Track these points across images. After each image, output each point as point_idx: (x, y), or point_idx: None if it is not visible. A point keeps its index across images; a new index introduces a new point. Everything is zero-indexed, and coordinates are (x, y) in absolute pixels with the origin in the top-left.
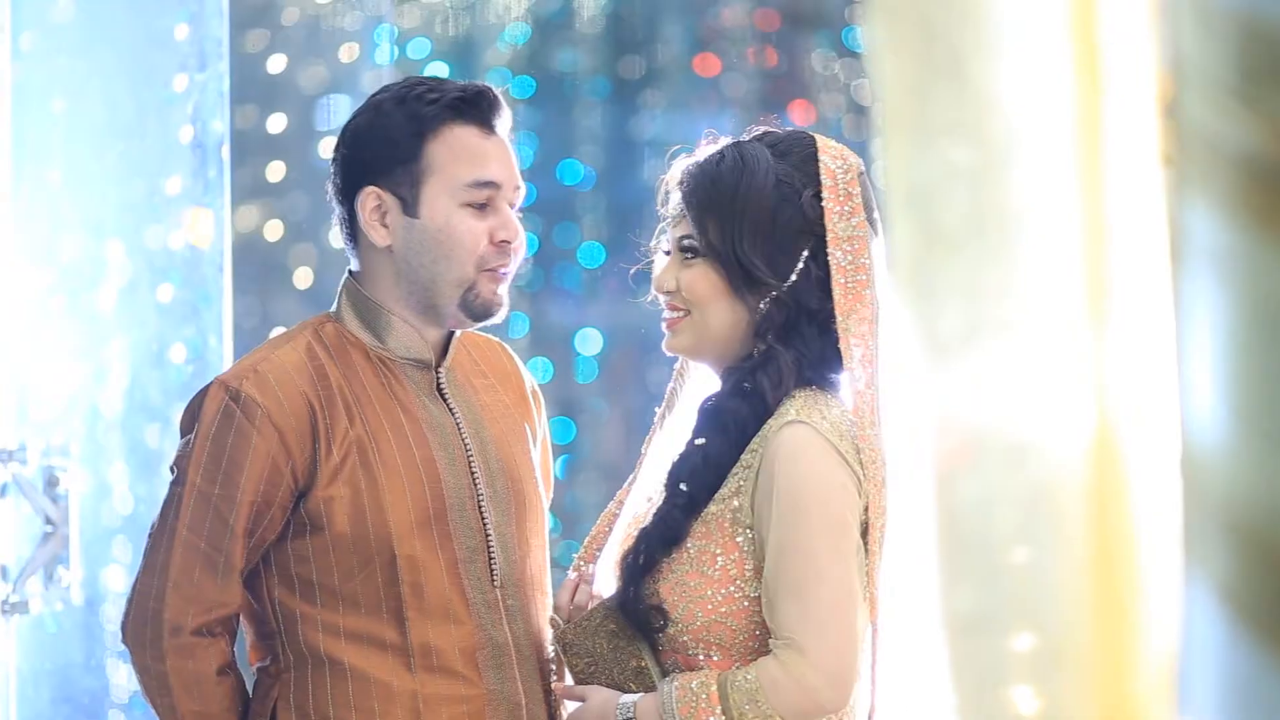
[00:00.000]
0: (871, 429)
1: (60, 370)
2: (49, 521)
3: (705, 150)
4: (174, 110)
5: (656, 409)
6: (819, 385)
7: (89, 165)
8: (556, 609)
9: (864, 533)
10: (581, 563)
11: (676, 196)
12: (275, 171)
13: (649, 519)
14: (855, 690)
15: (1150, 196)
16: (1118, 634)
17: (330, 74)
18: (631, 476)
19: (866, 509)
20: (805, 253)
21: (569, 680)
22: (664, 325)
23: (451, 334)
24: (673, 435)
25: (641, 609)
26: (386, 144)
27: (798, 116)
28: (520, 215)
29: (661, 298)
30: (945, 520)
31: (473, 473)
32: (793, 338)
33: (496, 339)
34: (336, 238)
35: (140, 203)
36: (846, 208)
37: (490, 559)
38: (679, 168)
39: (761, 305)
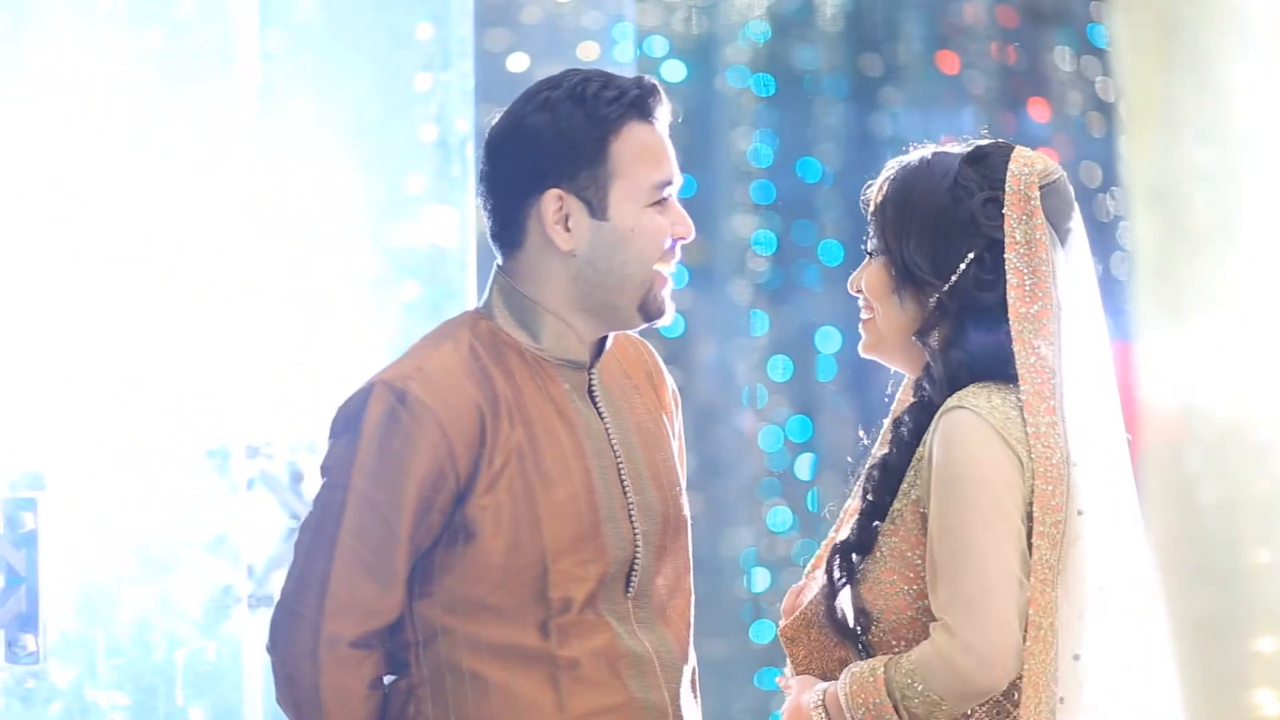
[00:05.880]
0: (1048, 427)
1: (306, 366)
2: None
3: (913, 154)
4: (417, 109)
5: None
6: (991, 380)
7: (334, 163)
8: (785, 612)
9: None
10: (814, 571)
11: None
12: None
13: (844, 532)
14: (1010, 671)
15: None
16: None
17: None
18: (855, 487)
19: (1034, 491)
20: (971, 254)
21: (790, 672)
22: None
23: (605, 335)
24: None
25: (841, 618)
26: (568, 146)
27: (1036, 114)
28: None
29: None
30: (1185, 522)
31: (622, 481)
32: (958, 339)
33: (639, 337)
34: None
35: (384, 201)
36: (1025, 211)
37: (631, 571)
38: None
39: (930, 303)
